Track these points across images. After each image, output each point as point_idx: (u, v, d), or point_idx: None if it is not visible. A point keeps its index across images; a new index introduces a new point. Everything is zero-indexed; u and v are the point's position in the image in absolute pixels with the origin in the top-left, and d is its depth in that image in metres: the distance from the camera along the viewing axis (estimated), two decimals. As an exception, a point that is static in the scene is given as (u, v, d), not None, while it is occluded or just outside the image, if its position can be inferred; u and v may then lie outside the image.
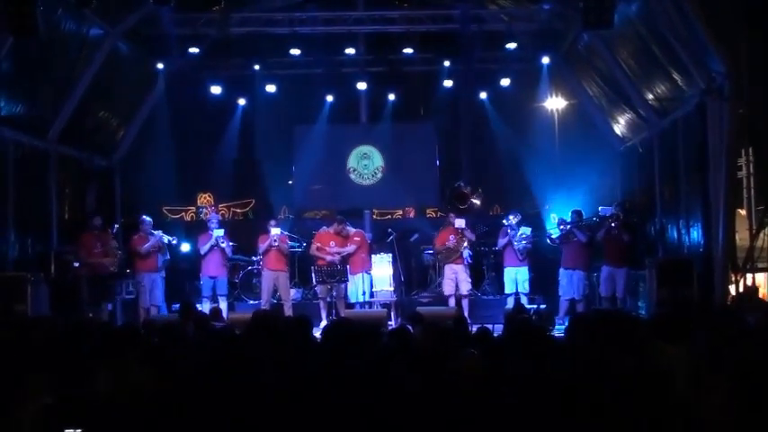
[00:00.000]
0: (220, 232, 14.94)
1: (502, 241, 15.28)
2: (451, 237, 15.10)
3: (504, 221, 15.43)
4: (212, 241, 14.86)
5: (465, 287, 15.03)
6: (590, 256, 14.84)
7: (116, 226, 15.42)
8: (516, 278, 15.08)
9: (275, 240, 14.85)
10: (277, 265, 14.91)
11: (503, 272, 15.42)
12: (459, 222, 15.11)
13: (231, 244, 15.24)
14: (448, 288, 15.06)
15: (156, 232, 14.82)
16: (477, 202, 16.06)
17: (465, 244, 15.06)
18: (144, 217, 15.01)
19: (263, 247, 15.01)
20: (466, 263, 15.15)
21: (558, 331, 10.99)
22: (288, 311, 14.37)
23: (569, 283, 14.59)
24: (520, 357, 5.46)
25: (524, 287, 15.05)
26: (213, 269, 14.94)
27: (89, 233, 14.39)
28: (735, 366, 4.27)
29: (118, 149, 17.09)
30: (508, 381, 4.79)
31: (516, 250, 15.08)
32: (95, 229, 14.44)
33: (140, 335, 6.92)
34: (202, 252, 14.97)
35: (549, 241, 15.23)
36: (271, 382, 4.91)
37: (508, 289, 15.19)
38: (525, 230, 15.25)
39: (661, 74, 13.45)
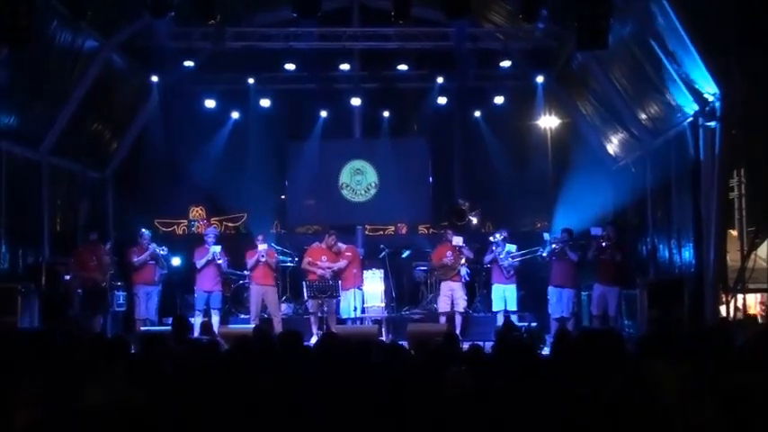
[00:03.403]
0: (217, 249, 14.93)
1: (488, 258, 15.36)
2: (449, 253, 15.10)
3: (491, 238, 15.46)
4: (209, 256, 14.86)
5: (461, 304, 15.05)
6: (578, 275, 14.87)
7: (110, 242, 15.40)
8: (504, 296, 15.08)
9: (262, 255, 14.83)
10: (265, 281, 14.90)
11: (491, 289, 15.44)
12: (458, 240, 15.12)
13: (227, 259, 15.21)
14: (443, 305, 15.05)
15: (150, 245, 14.87)
16: (474, 219, 16.10)
17: (462, 261, 15.07)
18: (143, 230, 15.14)
19: (250, 262, 15.00)
20: (463, 281, 15.17)
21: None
22: (278, 327, 14.30)
23: (559, 301, 14.59)
24: (510, 375, 5.45)
25: (512, 305, 15.06)
26: (209, 284, 14.90)
27: (84, 247, 14.53)
28: (723, 385, 4.27)
29: (111, 162, 17.08)
30: (497, 397, 4.78)
31: (502, 267, 15.10)
32: (91, 244, 14.54)
33: (128, 348, 6.87)
34: (198, 266, 14.93)
35: (540, 259, 15.21)
36: (257, 398, 4.89)
37: (496, 306, 15.19)
38: (511, 247, 15.24)
39: (654, 94, 13.47)
